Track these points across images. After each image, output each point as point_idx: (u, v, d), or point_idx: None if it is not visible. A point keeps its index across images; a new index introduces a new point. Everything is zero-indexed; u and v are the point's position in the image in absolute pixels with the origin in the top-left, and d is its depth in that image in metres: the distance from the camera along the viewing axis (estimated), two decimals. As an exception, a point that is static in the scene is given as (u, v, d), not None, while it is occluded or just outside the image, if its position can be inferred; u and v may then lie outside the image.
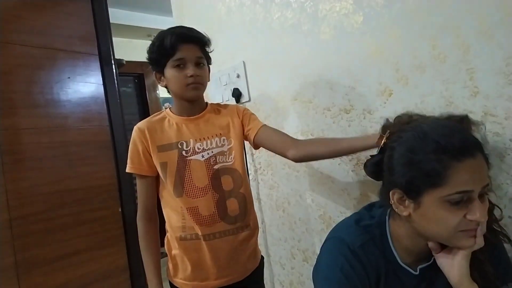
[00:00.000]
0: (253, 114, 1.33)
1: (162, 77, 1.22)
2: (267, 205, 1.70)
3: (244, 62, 1.66)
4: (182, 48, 1.15)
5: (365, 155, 0.99)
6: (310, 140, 1.21)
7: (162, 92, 4.89)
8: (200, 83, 1.19)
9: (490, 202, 0.82)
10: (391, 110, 1.22)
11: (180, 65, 1.16)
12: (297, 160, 1.18)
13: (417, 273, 0.83)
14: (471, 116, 1.07)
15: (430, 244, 0.80)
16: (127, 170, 1.22)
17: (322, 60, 1.37)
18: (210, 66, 1.28)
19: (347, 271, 0.79)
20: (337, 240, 0.83)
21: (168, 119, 1.25)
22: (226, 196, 1.21)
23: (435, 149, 0.72)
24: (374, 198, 1.30)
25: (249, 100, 1.67)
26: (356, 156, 1.33)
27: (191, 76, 1.16)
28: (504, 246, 0.86)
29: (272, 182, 1.66)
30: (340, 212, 1.42)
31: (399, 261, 0.83)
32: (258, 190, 1.73)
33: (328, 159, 1.41)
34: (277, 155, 1.27)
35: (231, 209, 1.21)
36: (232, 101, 1.68)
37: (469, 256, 0.77)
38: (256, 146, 1.29)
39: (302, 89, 1.47)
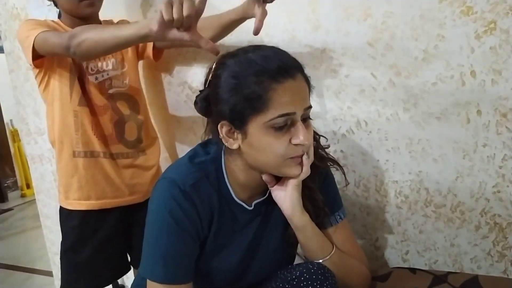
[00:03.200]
0: None
1: None
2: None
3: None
4: None
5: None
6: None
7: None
8: None
9: (316, 133, 0.83)
10: (238, 40, 1.15)
11: None
12: None
13: (252, 208, 0.80)
14: (311, 51, 1.07)
15: (265, 177, 0.77)
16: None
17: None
18: None
19: (176, 214, 0.73)
20: (168, 181, 0.75)
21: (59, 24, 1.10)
22: (126, 119, 1.15)
23: (255, 71, 0.69)
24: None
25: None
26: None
27: None
28: (333, 175, 0.89)
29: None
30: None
31: (234, 196, 0.79)
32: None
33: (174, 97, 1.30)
34: None
35: (128, 133, 1.15)
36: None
37: (299, 186, 0.77)
38: (158, 53, 1.18)
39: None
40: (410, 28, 0.93)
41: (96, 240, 1.14)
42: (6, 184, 4.10)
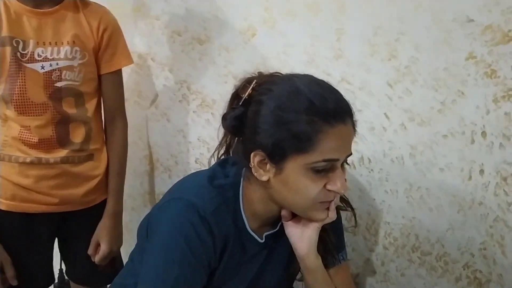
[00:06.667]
0: (121, 38, 1.04)
1: None
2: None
3: None
4: None
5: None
6: None
7: None
8: None
9: None
10: (251, 53, 1.10)
11: None
12: None
13: (263, 241, 0.76)
14: (328, 78, 1.04)
15: (283, 212, 0.74)
16: None
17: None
18: None
19: (193, 241, 0.67)
20: (186, 204, 0.68)
21: (4, 2, 0.95)
22: (70, 120, 1.00)
23: (307, 108, 0.64)
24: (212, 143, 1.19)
25: None
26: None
27: None
28: (341, 215, 0.88)
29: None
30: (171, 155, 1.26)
31: (248, 227, 0.74)
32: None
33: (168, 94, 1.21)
34: None
35: (74, 135, 1.01)
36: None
37: (319, 229, 0.74)
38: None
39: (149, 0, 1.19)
40: (433, 79, 0.94)
41: (18, 243, 1.03)
42: None
